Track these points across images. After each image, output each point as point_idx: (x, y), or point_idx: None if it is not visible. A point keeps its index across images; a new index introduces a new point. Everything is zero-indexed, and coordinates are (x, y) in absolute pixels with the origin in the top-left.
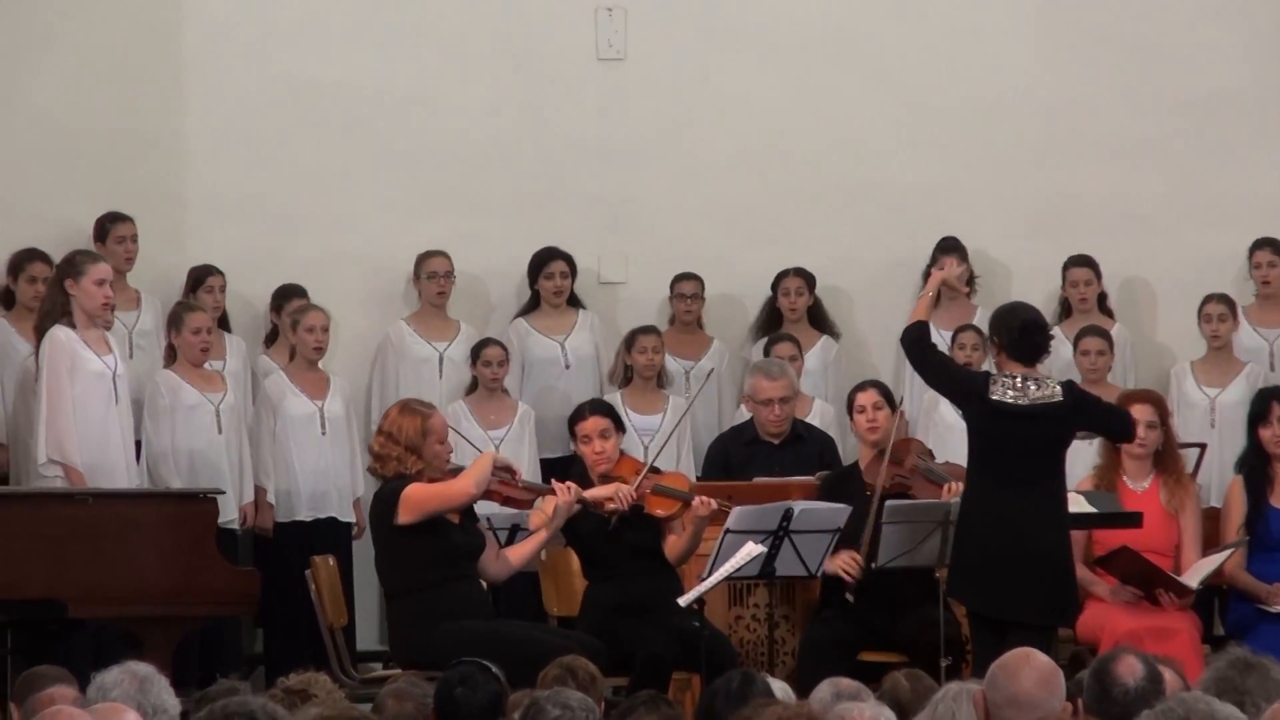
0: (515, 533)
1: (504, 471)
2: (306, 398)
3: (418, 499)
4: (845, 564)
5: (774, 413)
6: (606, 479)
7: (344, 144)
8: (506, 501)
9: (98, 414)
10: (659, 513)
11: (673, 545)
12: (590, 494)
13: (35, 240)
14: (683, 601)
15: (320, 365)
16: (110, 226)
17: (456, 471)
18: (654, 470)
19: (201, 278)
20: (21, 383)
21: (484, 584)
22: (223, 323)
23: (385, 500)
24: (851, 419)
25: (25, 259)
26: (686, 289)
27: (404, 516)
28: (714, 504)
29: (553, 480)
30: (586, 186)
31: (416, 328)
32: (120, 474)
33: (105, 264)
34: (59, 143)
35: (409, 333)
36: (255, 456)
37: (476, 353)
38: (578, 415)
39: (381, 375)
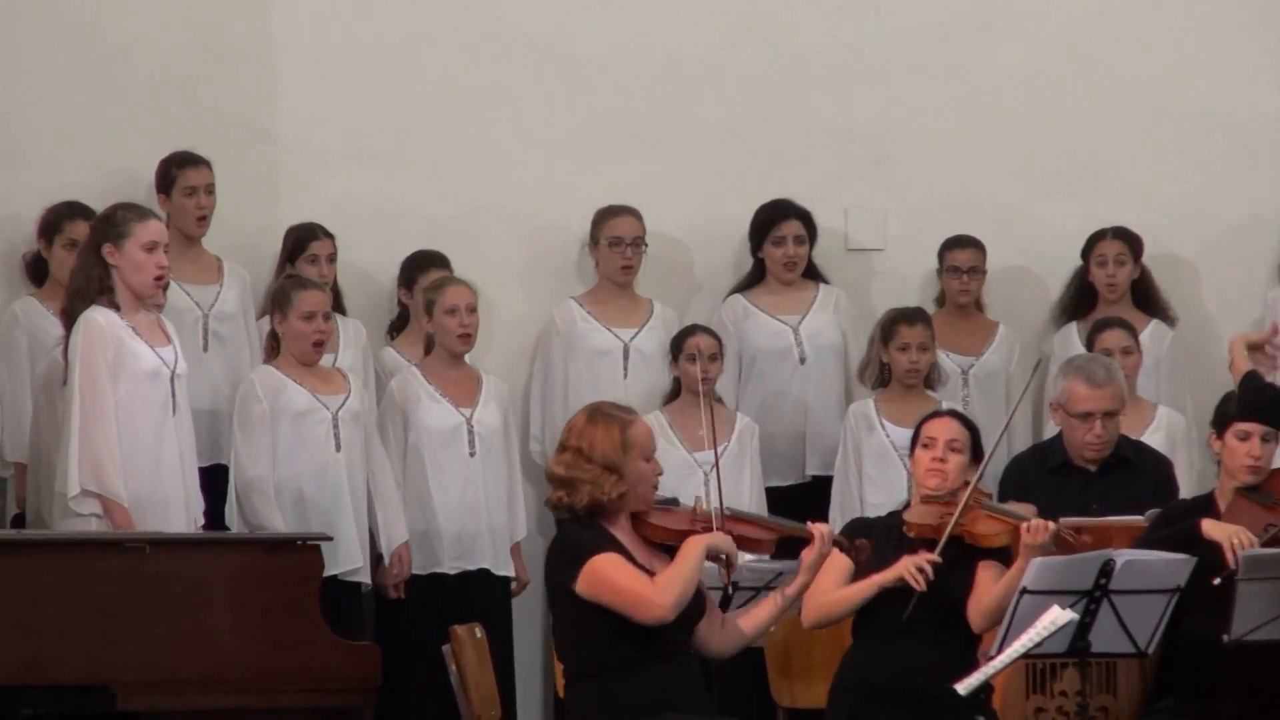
0: (756, 591)
1: (718, 563)
2: (449, 404)
3: (601, 582)
4: (920, 567)
5: (1094, 431)
6: (931, 503)
7: (493, 60)
8: (737, 543)
9: (150, 428)
10: (986, 540)
11: (986, 599)
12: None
13: (78, 191)
14: (963, 689)
15: (467, 360)
16: (178, 173)
17: (669, 505)
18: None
19: (303, 242)
20: (47, 384)
21: (700, 663)
22: (333, 303)
23: (570, 551)
24: (1220, 443)
25: (63, 216)
26: (963, 258)
27: (583, 586)
28: (1053, 528)
29: (808, 524)
30: (830, 119)
31: (593, 309)
32: (178, 510)
33: (157, 221)
34: (110, 62)
35: (582, 316)
36: (378, 485)
37: (678, 344)
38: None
39: (545, 374)
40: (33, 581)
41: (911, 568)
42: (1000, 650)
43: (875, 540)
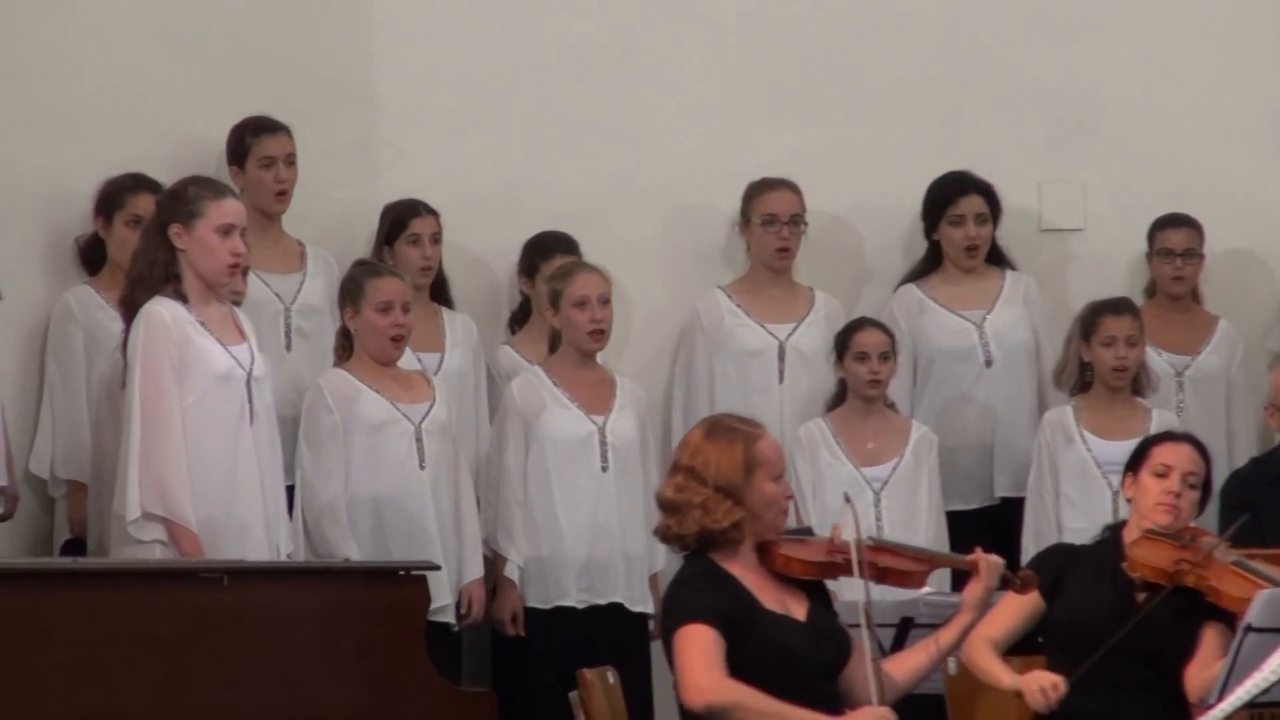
0: (906, 631)
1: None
2: (579, 411)
3: (677, 653)
4: (1045, 690)
5: None
6: (1160, 542)
7: (629, 12)
8: (882, 576)
9: (223, 439)
10: (1231, 601)
11: (1214, 670)
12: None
13: (141, 162)
14: None
15: (599, 360)
16: (253, 141)
17: (803, 535)
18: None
19: (402, 220)
20: (110, 388)
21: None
22: (438, 294)
23: (672, 604)
24: None
25: (125, 190)
26: (1178, 240)
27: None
28: None
29: (976, 552)
30: (1021, 78)
31: (743, 301)
32: (257, 535)
33: (233, 199)
34: (179, 13)
35: (731, 309)
36: (492, 506)
37: (844, 340)
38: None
39: (687, 377)
40: (91, 619)
41: (1037, 689)
42: (1221, 697)
43: (1083, 574)
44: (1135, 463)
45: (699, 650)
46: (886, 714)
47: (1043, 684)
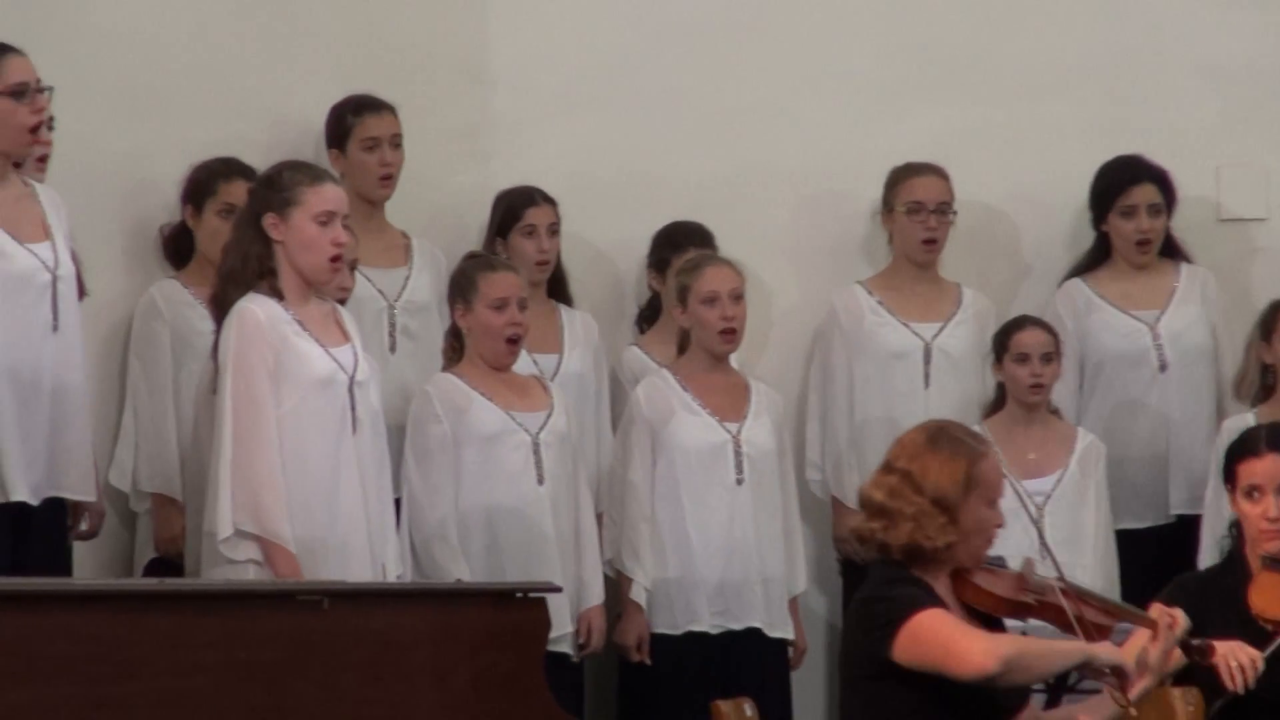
0: (1061, 692)
1: (1104, 679)
2: (712, 418)
3: (924, 639)
4: (1243, 666)
5: None
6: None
7: None
8: (1062, 623)
9: (324, 450)
10: None
11: None
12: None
13: (233, 145)
14: None
15: (733, 362)
16: (355, 121)
17: (996, 564)
18: None
19: (517, 210)
20: (205, 395)
21: None
22: (556, 290)
23: (884, 609)
24: None
25: (216, 175)
26: None
27: (901, 653)
28: None
29: (1157, 609)
30: (1198, 52)
31: (886, 297)
32: (360, 555)
33: (334, 186)
34: None
35: (872, 306)
36: (615, 524)
37: (1003, 340)
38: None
39: (824, 381)
40: (180, 646)
41: (1233, 662)
42: None
43: (1210, 605)
44: (1228, 481)
45: (951, 623)
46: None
47: (1240, 660)
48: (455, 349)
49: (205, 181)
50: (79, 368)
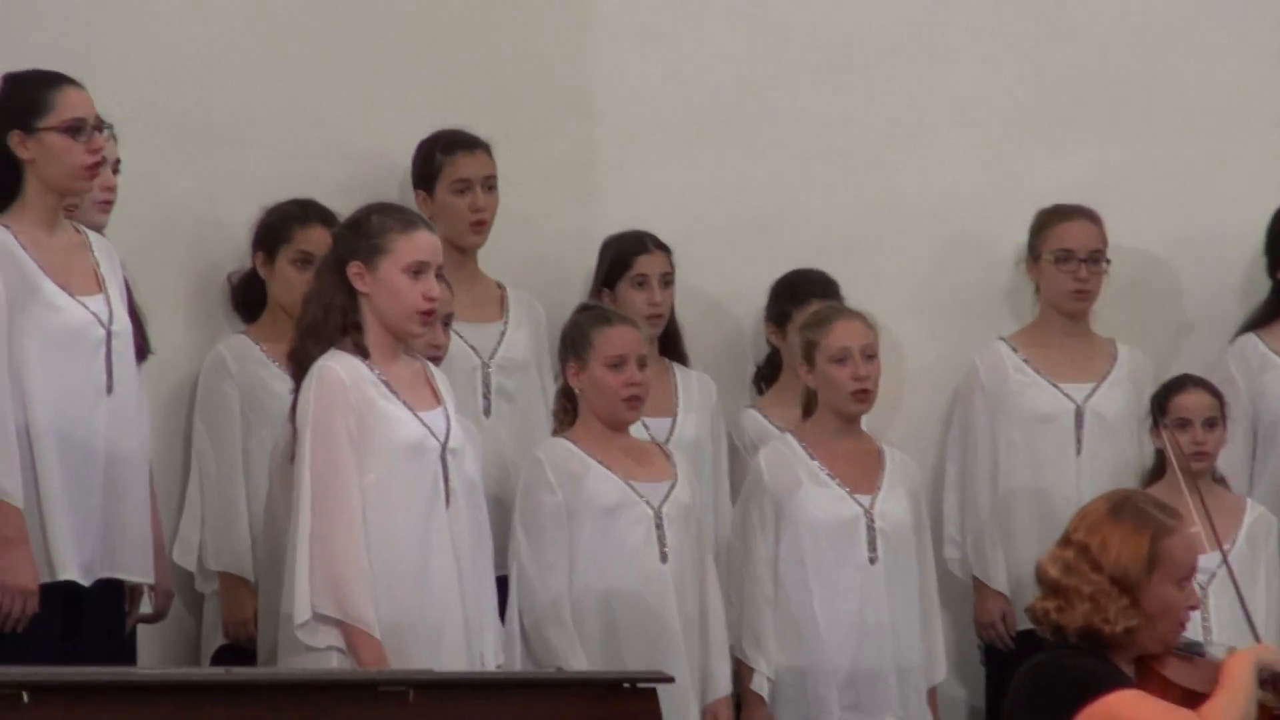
0: None
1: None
2: (842, 488)
3: (1136, 709)
4: None
5: None
6: None
7: (894, 6)
8: None
9: (413, 525)
10: None
11: None
12: None
13: (309, 184)
14: None
15: (864, 425)
16: (445, 160)
17: (1191, 650)
18: None
19: (626, 258)
20: (282, 464)
21: None
22: (670, 347)
23: (1067, 684)
24: None
25: (291, 220)
26: None
27: None
28: None
29: None
30: None
31: (1032, 355)
32: (454, 640)
33: (427, 233)
34: (354, 9)
35: (1017, 364)
36: (735, 605)
37: (1162, 403)
38: None
39: (964, 446)
40: None
41: None
42: None
43: None
44: None
45: (1148, 701)
46: None
47: None
48: (567, 411)
49: (278, 226)
50: (136, 433)
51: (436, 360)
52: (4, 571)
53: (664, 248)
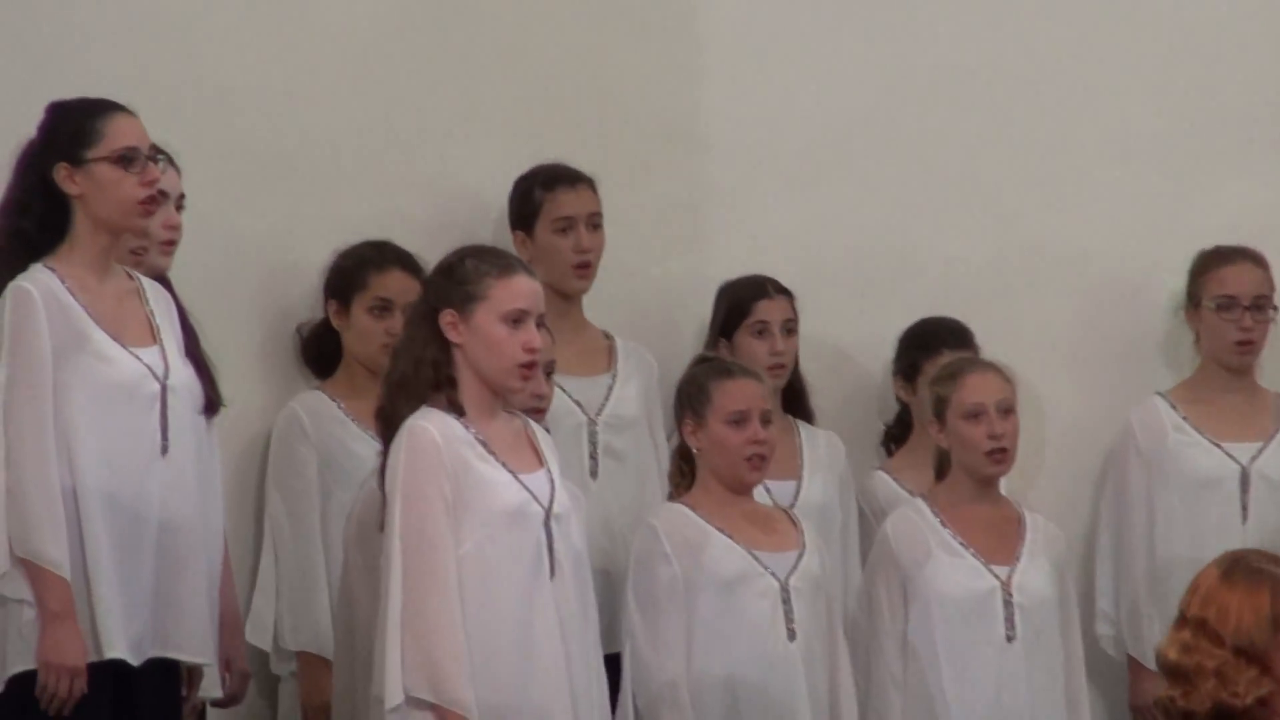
0: None
1: None
2: (977, 560)
3: None
4: None
5: None
6: None
7: (1039, 26)
8: None
9: (514, 598)
10: None
11: None
12: None
13: (392, 224)
14: None
15: (1003, 488)
16: (545, 197)
17: None
18: None
19: (745, 304)
20: (362, 530)
21: None
22: (793, 402)
23: None
24: None
25: (368, 264)
26: None
27: None
28: None
29: None
30: None
31: (1192, 412)
32: None
33: (527, 278)
34: (442, 33)
35: (1175, 422)
36: (860, 685)
37: None
38: None
39: (1118, 512)
40: None
41: None
42: None
43: None
44: None
45: None
46: None
47: None
48: (684, 474)
49: (353, 271)
50: (194, 498)
51: (539, 413)
52: (49, 649)
53: (786, 292)
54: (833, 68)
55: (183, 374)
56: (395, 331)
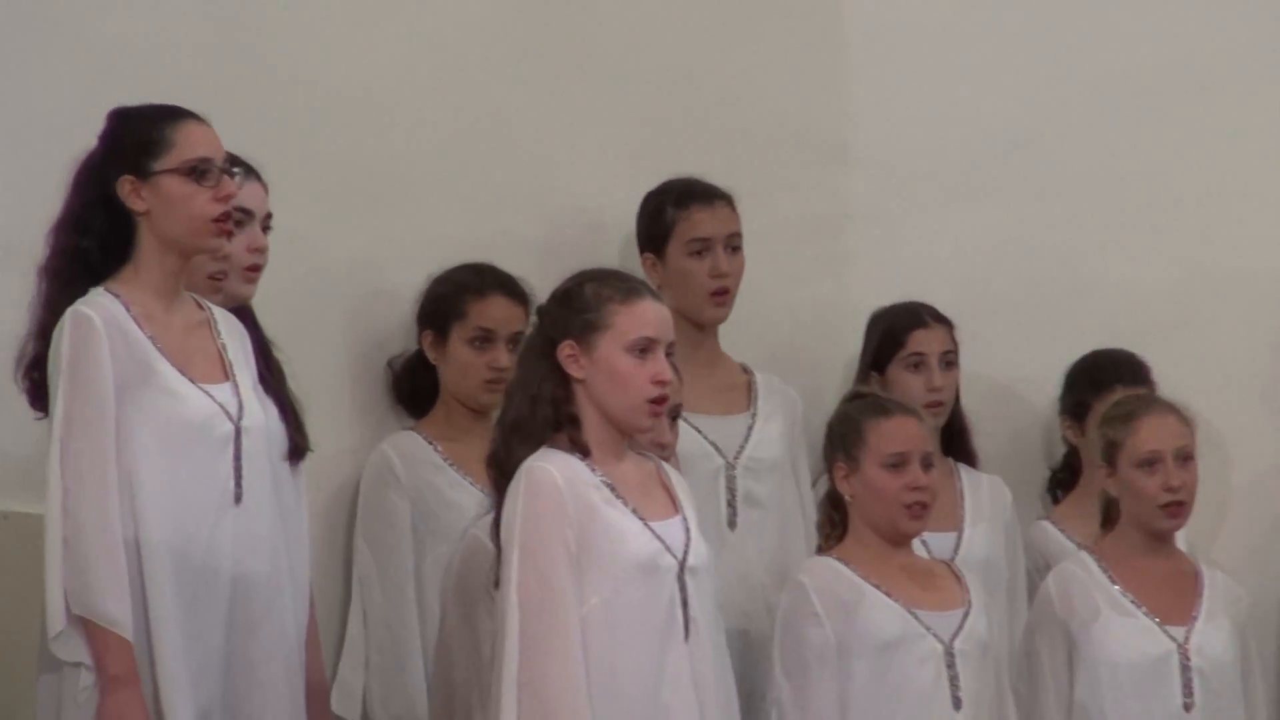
0: None
1: None
2: (1151, 620)
3: None
4: None
5: None
6: None
7: (1213, 23)
8: None
9: (644, 660)
10: None
11: None
12: None
13: (498, 246)
14: None
15: (1179, 541)
16: (678, 215)
17: None
18: None
19: (900, 335)
20: (461, 584)
21: None
22: (954, 443)
23: None
24: None
25: (466, 290)
26: None
27: None
28: None
29: None
30: None
31: None
32: None
33: (656, 304)
34: (559, 36)
35: None
36: None
37: None
38: None
39: None
40: None
41: None
42: None
43: None
44: None
45: None
46: None
47: None
48: (834, 523)
49: (450, 298)
50: (268, 552)
51: (664, 455)
52: (109, 717)
53: (944, 321)
54: (992, 71)
55: (258, 414)
56: (497, 365)
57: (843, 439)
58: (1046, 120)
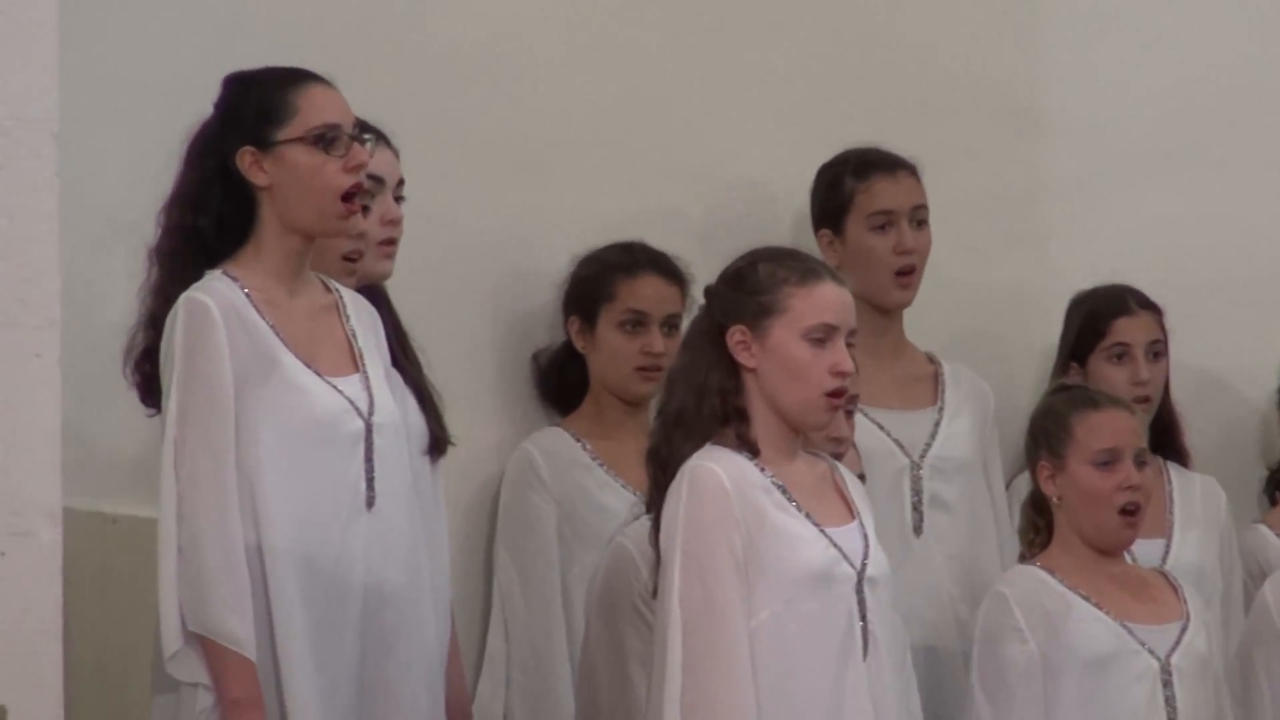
0: None
1: None
2: None
3: None
4: None
5: None
6: None
7: None
8: None
9: (820, 679)
10: None
11: None
12: None
13: (650, 221)
14: None
15: None
16: (858, 187)
17: None
18: None
19: (1102, 323)
20: (607, 594)
21: None
22: (1163, 442)
23: None
24: None
25: (614, 271)
26: None
27: None
28: None
29: None
30: None
31: None
32: None
33: (834, 286)
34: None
35: None
36: None
37: None
38: None
39: None
40: None
41: None
42: None
43: None
44: None
45: None
46: None
47: None
48: (1038, 529)
49: (598, 280)
50: (404, 561)
51: (837, 459)
52: None
53: (1152, 307)
54: (1207, 25)
55: (390, 409)
56: (651, 350)
57: (1047, 435)
58: (1261, 78)
